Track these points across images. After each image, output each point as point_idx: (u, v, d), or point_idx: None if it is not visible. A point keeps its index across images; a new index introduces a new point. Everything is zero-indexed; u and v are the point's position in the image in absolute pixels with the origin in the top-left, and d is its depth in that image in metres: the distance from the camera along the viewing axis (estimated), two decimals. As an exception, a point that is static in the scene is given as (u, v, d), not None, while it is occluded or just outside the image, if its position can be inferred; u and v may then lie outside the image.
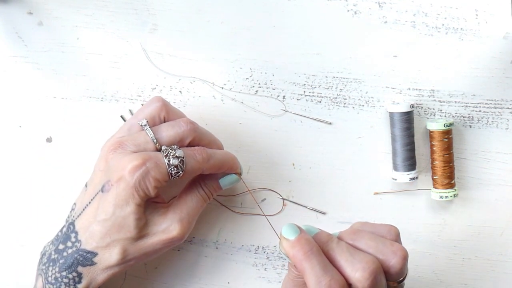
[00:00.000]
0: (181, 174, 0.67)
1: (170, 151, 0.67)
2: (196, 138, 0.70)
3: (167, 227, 0.68)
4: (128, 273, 0.77)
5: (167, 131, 0.68)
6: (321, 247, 0.61)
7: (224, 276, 0.77)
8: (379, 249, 0.61)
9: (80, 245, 0.67)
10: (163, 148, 0.67)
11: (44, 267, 0.68)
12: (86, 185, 0.70)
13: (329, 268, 0.59)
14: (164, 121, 0.70)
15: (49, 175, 0.77)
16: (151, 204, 0.68)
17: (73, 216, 0.68)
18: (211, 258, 0.77)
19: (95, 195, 0.67)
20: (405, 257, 0.61)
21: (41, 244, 0.72)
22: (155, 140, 0.68)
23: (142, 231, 0.67)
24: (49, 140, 0.78)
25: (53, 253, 0.68)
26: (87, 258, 0.66)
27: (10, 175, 0.78)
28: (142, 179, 0.65)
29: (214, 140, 0.72)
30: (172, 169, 0.66)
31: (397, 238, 0.63)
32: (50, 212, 0.76)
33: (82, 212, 0.68)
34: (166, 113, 0.70)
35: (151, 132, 0.68)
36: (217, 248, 0.77)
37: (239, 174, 0.72)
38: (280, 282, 0.77)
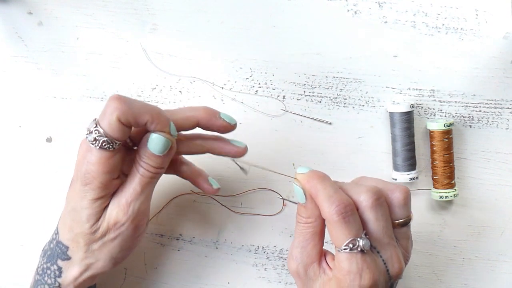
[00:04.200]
0: (107, 139, 0.63)
1: (87, 133, 0.64)
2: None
3: (109, 214, 0.67)
4: (128, 273, 0.77)
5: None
6: None
7: (224, 276, 0.77)
8: (384, 185, 0.65)
9: (58, 236, 0.68)
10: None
11: (40, 259, 0.70)
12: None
13: (340, 191, 0.63)
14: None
15: (49, 175, 0.77)
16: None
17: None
18: (211, 258, 0.77)
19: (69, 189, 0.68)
20: (407, 192, 0.65)
21: (41, 244, 0.72)
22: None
23: (93, 226, 0.66)
24: (49, 140, 0.78)
25: (47, 244, 0.69)
26: (63, 251, 0.67)
27: (10, 175, 0.78)
28: (86, 172, 0.65)
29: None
30: (97, 143, 0.64)
31: None
32: (50, 212, 0.76)
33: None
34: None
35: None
36: (217, 248, 0.77)
37: (168, 132, 0.65)
38: (280, 282, 0.77)
